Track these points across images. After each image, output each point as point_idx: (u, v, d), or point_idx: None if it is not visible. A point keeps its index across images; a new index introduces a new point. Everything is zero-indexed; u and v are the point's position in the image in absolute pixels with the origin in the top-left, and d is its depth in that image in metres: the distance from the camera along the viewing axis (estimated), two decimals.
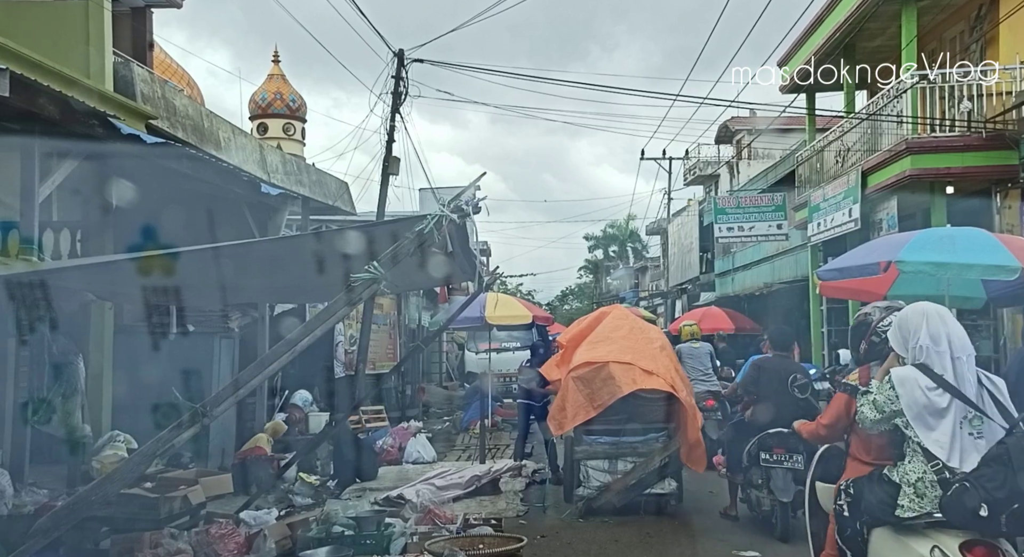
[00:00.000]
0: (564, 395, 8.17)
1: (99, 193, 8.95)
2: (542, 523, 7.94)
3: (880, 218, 14.47)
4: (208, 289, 5.77)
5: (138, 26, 13.64)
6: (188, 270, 4.82)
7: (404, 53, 13.85)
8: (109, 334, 9.29)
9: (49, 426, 6.38)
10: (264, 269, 4.73)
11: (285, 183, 12.89)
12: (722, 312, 22.46)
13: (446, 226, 3.59)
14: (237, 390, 3.41)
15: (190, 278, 5.17)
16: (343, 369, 14.32)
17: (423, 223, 3.60)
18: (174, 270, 4.71)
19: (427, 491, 8.51)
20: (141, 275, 4.88)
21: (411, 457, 11.84)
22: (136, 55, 12.16)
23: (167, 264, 4.67)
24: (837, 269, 9.38)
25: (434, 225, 3.55)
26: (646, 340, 8.52)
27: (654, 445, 8.21)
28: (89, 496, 3.30)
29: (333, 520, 6.54)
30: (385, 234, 3.92)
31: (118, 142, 7.07)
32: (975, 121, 12.53)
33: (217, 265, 4.61)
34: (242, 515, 6.80)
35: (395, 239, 3.67)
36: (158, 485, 6.64)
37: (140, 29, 13.69)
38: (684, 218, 32.69)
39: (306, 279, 4.74)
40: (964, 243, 8.35)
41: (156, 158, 8.17)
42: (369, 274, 3.45)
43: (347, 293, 3.48)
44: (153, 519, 6.26)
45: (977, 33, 14.12)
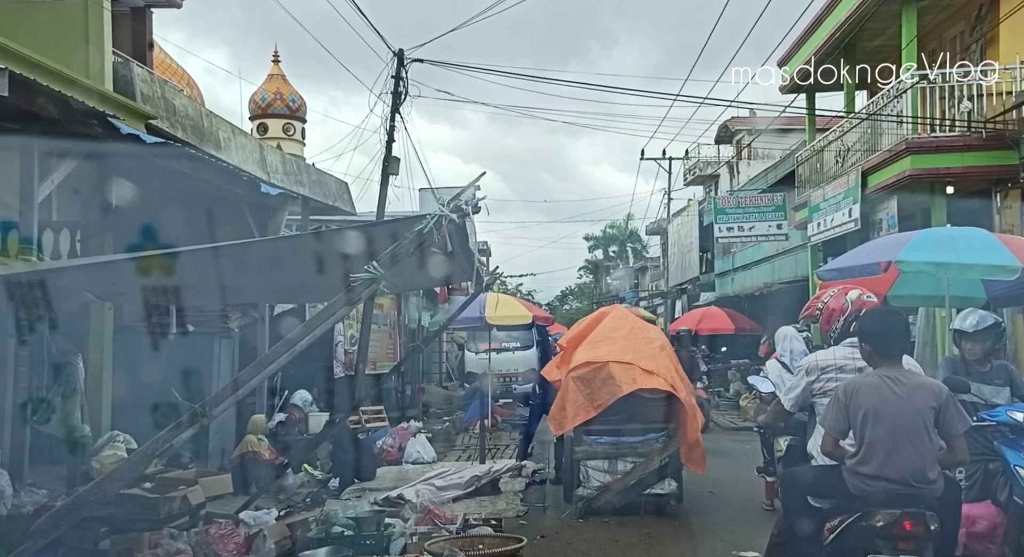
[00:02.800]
0: (564, 395, 8.16)
1: (99, 193, 8.94)
2: (542, 523, 7.93)
3: (880, 218, 14.46)
4: (208, 289, 5.77)
5: (138, 26, 13.63)
6: (187, 270, 4.82)
7: (404, 53, 13.85)
8: (109, 334, 9.28)
9: (48, 426, 6.38)
10: (264, 269, 4.72)
11: (285, 183, 12.87)
12: (722, 312, 22.49)
13: (446, 226, 3.58)
14: (236, 390, 3.40)
15: (189, 278, 5.17)
16: (343, 369, 14.30)
17: (423, 223, 3.59)
18: (173, 270, 4.70)
19: (427, 491, 8.50)
20: (140, 275, 4.87)
21: (411, 457, 11.83)
22: (136, 55, 12.14)
23: (166, 264, 4.66)
24: (837, 269, 9.37)
25: (434, 225, 3.54)
26: (646, 340, 8.51)
27: (654, 445, 8.20)
28: (88, 496, 3.30)
29: (333, 520, 6.53)
30: (385, 234, 3.91)
31: (118, 142, 7.07)
32: (975, 121, 12.53)
33: (216, 265, 4.60)
34: (242, 515, 6.80)
35: (395, 239, 3.66)
36: (157, 485, 6.63)
37: (140, 29, 13.68)
38: (684, 218, 32.69)
39: (306, 279, 4.73)
40: (964, 243, 8.34)
41: (156, 158, 8.16)
42: (368, 274, 3.44)
43: (346, 293, 3.47)
44: (153, 519, 6.26)
45: (977, 33, 14.12)
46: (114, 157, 7.81)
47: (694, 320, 22.74)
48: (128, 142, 7.08)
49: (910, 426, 4.00)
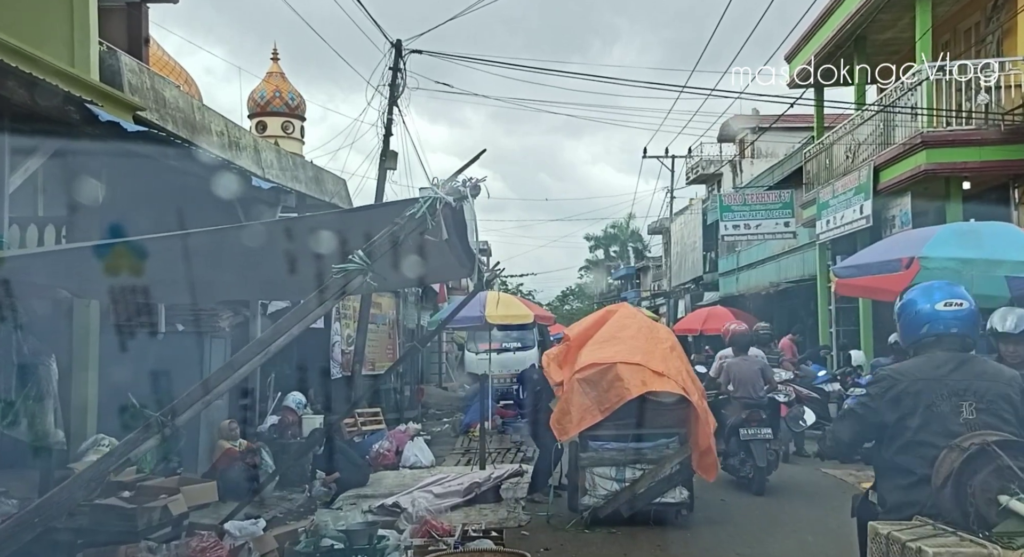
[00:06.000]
0: (569, 398, 7.69)
1: (76, 185, 8.53)
2: (545, 534, 7.47)
3: (893, 215, 14.08)
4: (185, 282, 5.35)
5: (133, 21, 13.40)
6: (160, 258, 4.41)
7: (402, 43, 13.43)
8: (94, 334, 8.89)
9: (17, 431, 5.96)
10: (243, 259, 4.31)
11: (280, 179, 12.54)
12: (728, 312, 22.09)
13: (440, 210, 3.17)
14: (206, 394, 3.01)
15: (163, 269, 4.75)
16: (340, 370, 13.92)
17: (415, 207, 3.18)
18: (143, 259, 4.30)
19: (424, 499, 8.08)
20: (106, 266, 4.46)
21: (408, 461, 11.42)
22: (132, 50, 11.91)
23: (136, 253, 4.25)
24: (855, 266, 8.99)
25: (427, 209, 3.13)
26: (656, 340, 8.06)
27: (664, 451, 7.75)
28: (30, 519, 2.90)
29: (323, 532, 6.12)
30: (374, 220, 3.49)
31: (97, 130, 6.67)
32: (992, 114, 12.15)
33: (190, 255, 4.20)
34: (227, 526, 6.38)
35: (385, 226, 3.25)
36: (136, 495, 6.21)
37: (136, 24, 13.45)
38: (687, 217, 32.35)
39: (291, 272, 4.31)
40: (991, 238, 7.98)
41: (139, 148, 7.76)
42: (354, 264, 3.03)
43: (328, 287, 3.06)
44: (130, 531, 5.82)
45: (994, 24, 13.72)
46: (95, 147, 7.39)
47: (699, 320, 22.33)
48: (109, 132, 6.68)
49: None
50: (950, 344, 3.48)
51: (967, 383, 3.37)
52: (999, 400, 3.34)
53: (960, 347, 3.50)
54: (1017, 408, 3.36)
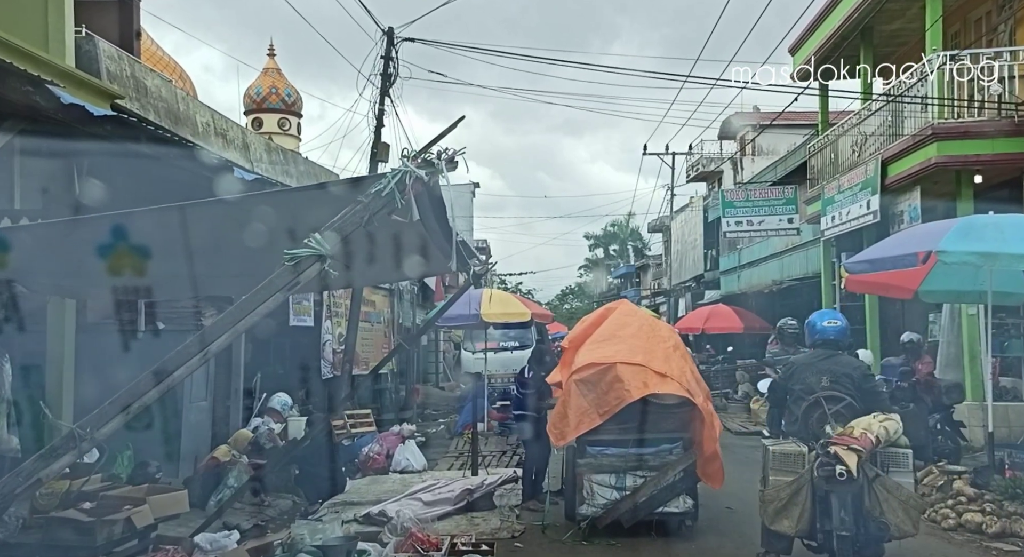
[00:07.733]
0: (566, 401, 7.24)
1: (53, 179, 8.08)
2: (540, 547, 7.01)
3: (901, 210, 13.63)
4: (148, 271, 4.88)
5: (125, 14, 13.06)
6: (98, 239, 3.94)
7: (394, 31, 12.97)
8: (71, 333, 8.46)
9: None
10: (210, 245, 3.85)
11: (270, 173, 12.07)
12: (731, 310, 21.68)
13: (410, 186, 2.70)
14: (127, 407, 2.57)
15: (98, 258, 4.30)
16: (331, 370, 13.46)
17: (380, 183, 2.71)
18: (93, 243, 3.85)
19: (412, 508, 7.62)
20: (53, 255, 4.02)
21: (399, 465, 10.98)
22: (123, 44, 11.58)
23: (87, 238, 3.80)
24: (868, 261, 8.56)
25: (395, 185, 2.66)
26: (658, 339, 7.60)
27: (667, 457, 7.28)
28: None
29: (299, 547, 5.68)
30: (334, 199, 3.03)
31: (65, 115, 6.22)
32: (1006, 104, 11.70)
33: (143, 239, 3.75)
34: (197, 539, 5.95)
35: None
36: (97, 506, 5.75)
37: (127, 18, 13.12)
38: (688, 214, 31.93)
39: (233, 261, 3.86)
40: (1013, 231, 7.54)
41: (112, 136, 7.30)
42: (309, 250, 2.59)
43: (276, 277, 2.61)
44: (88, 547, 5.39)
45: (1006, 13, 13.28)
46: (62, 131, 6.92)
47: (701, 318, 21.90)
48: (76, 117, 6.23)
49: None
50: (827, 345, 6.08)
51: (828, 366, 5.91)
52: (843, 378, 5.84)
53: (834, 347, 6.08)
54: (856, 382, 5.84)
